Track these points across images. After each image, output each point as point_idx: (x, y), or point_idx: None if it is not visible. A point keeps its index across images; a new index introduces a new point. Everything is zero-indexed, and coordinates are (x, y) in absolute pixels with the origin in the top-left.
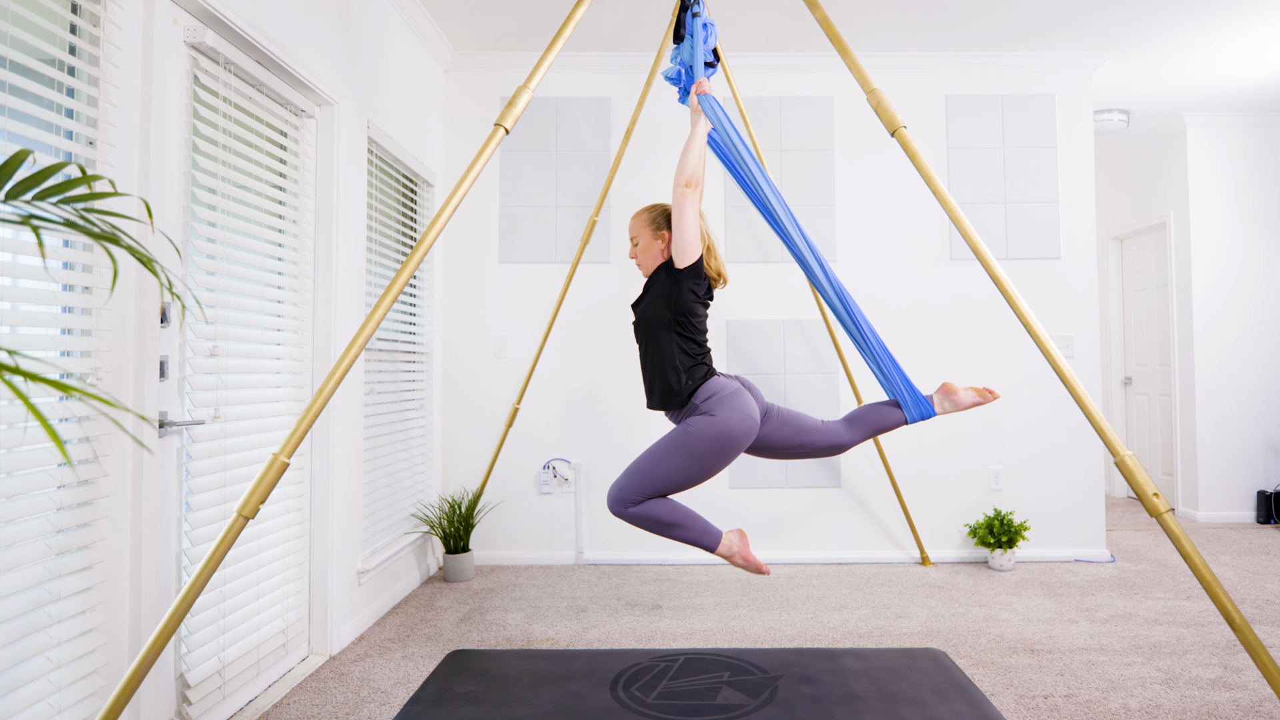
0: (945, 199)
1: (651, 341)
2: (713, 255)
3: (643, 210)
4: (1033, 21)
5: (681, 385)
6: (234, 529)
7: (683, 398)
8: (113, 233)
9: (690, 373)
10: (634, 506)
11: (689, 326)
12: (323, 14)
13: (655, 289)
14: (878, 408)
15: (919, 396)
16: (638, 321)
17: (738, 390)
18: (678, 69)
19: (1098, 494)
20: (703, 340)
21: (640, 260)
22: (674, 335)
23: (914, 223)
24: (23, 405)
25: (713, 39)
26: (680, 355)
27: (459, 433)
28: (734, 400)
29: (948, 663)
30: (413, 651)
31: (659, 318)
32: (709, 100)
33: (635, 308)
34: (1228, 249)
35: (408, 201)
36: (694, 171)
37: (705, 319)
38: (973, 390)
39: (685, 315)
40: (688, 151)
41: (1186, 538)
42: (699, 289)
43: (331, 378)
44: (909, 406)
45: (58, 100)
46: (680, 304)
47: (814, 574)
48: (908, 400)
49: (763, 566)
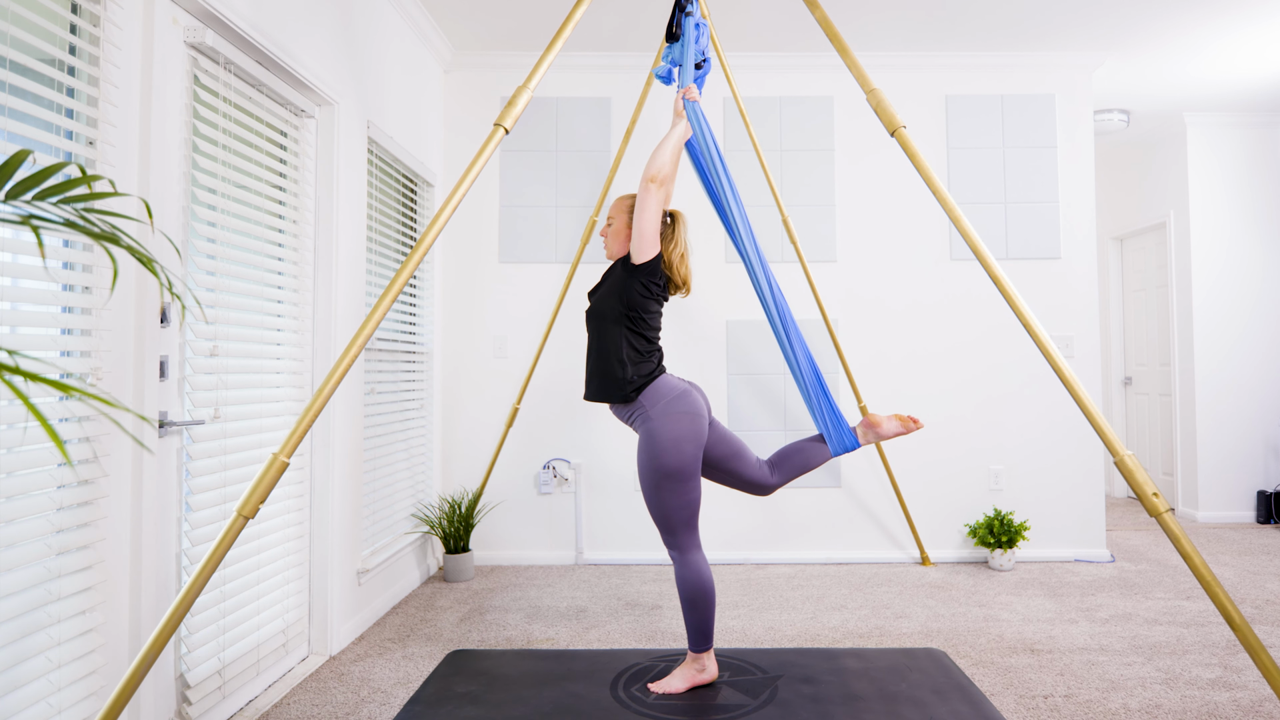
0: (945, 199)
1: (600, 332)
2: (684, 263)
3: (628, 195)
4: (1033, 21)
5: (626, 378)
6: (234, 529)
7: (625, 392)
8: (113, 233)
9: (637, 367)
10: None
11: (639, 322)
12: (323, 14)
13: (611, 281)
14: (801, 446)
15: (843, 428)
16: (589, 310)
17: (685, 391)
18: (669, 67)
19: (1098, 494)
20: (653, 337)
21: (608, 241)
22: (624, 329)
23: (914, 223)
24: (23, 405)
25: (704, 39)
26: (627, 349)
27: (459, 433)
28: (679, 403)
29: (948, 663)
30: (413, 651)
31: (610, 310)
32: (694, 107)
33: (590, 295)
34: (1228, 249)
35: (408, 201)
36: (661, 169)
37: (658, 316)
38: (896, 419)
39: (636, 310)
40: (660, 148)
41: (1186, 538)
42: (653, 286)
43: (331, 378)
44: (832, 438)
45: (58, 100)
46: (631, 299)
47: (814, 574)
48: (831, 432)
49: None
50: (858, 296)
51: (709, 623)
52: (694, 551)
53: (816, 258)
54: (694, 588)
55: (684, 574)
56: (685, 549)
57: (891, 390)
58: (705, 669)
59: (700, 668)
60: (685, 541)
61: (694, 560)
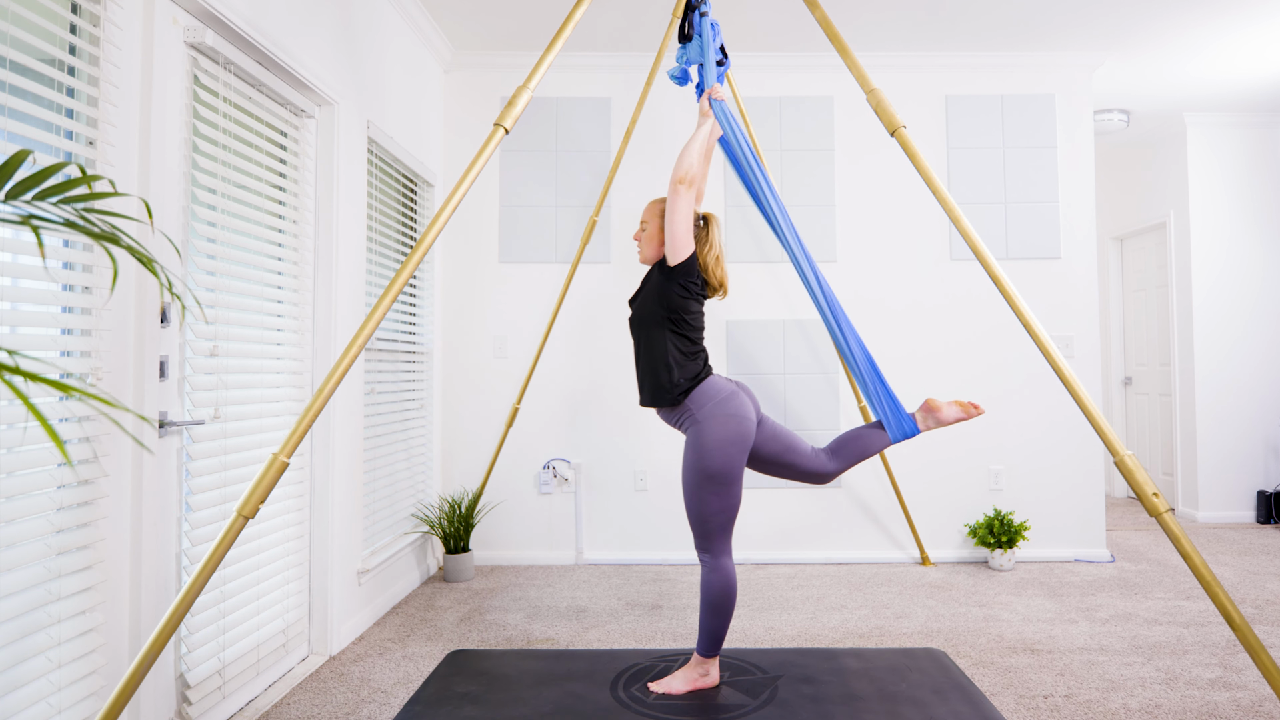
0: (945, 199)
1: (645, 338)
2: (719, 265)
3: (661, 198)
4: (1033, 21)
5: (673, 382)
6: (234, 529)
7: (674, 395)
8: (113, 233)
9: (683, 369)
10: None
11: (682, 324)
12: (323, 14)
13: (650, 286)
14: (860, 433)
15: (901, 414)
16: (633, 318)
17: (733, 393)
18: (682, 68)
19: (1098, 494)
20: (697, 338)
21: (642, 245)
22: (667, 332)
23: (914, 223)
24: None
25: (719, 37)
26: (673, 352)
27: (459, 433)
28: (728, 404)
29: (948, 663)
30: (413, 651)
31: (652, 315)
32: (721, 105)
33: (631, 303)
34: (1228, 249)
35: (408, 201)
36: (690, 169)
37: (700, 316)
38: (957, 405)
39: (678, 313)
40: (687, 149)
41: (1186, 538)
42: (691, 286)
43: (331, 378)
44: (891, 426)
45: (58, 100)
46: (672, 301)
47: (814, 574)
48: (890, 419)
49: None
50: (858, 296)
51: (724, 630)
52: (725, 557)
53: (816, 258)
54: (720, 593)
55: (712, 579)
56: (717, 553)
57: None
58: (708, 674)
59: (704, 672)
60: (718, 546)
61: (725, 566)
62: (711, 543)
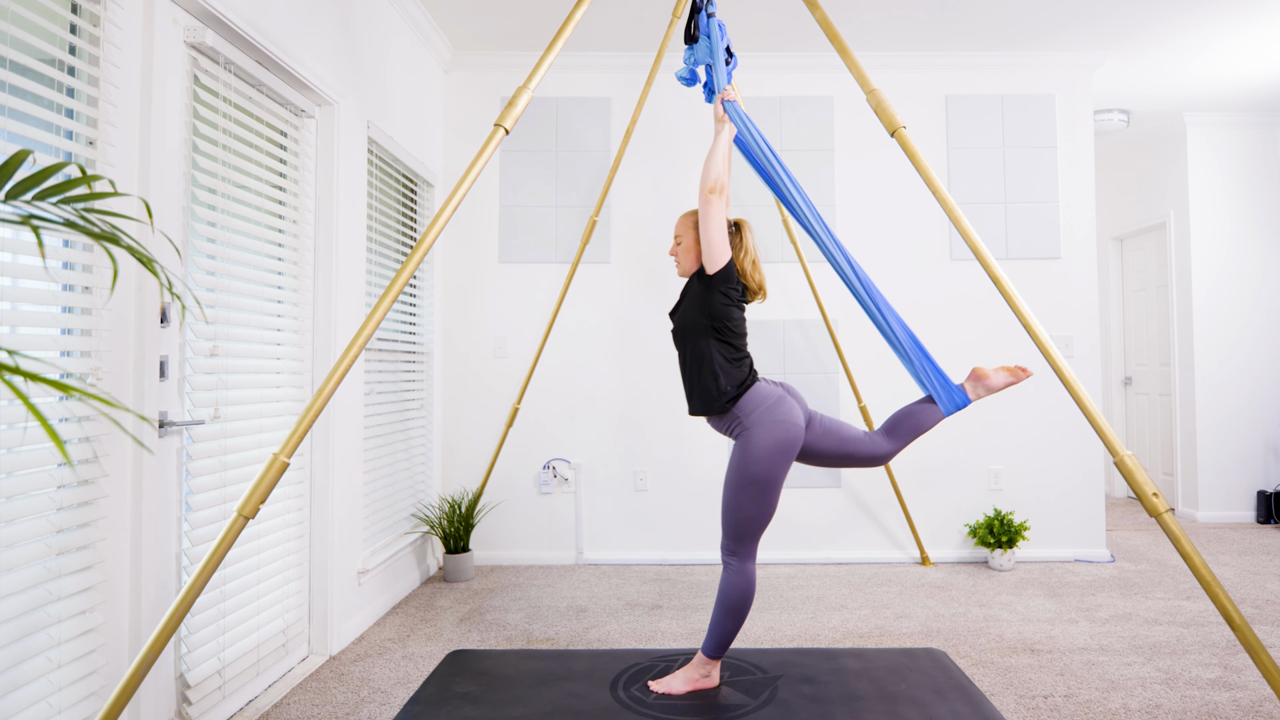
0: (945, 199)
1: (690, 348)
2: (756, 269)
3: (692, 210)
4: (1033, 21)
5: (720, 390)
6: (234, 529)
7: (722, 403)
8: (113, 233)
9: (729, 376)
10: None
11: (725, 331)
12: (323, 14)
13: (690, 296)
14: (912, 409)
15: (950, 386)
16: (675, 329)
17: (780, 397)
18: (690, 70)
19: (1098, 494)
20: (741, 344)
21: (679, 259)
22: (711, 340)
23: (914, 223)
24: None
25: (726, 36)
26: (719, 360)
27: (459, 433)
28: (776, 410)
29: (948, 663)
30: (413, 651)
31: (695, 325)
32: (734, 106)
33: (672, 315)
34: (1228, 249)
35: (408, 201)
36: (719, 178)
37: (742, 322)
38: (1004, 370)
39: (721, 320)
40: (712, 158)
41: (1186, 538)
42: (732, 293)
43: (331, 378)
44: (941, 398)
45: (58, 100)
46: (714, 309)
47: (814, 574)
48: (939, 392)
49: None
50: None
51: (734, 634)
52: (750, 562)
53: (816, 258)
54: (740, 597)
55: (735, 581)
56: (744, 558)
57: (892, 390)
58: (710, 675)
59: (705, 673)
60: (746, 550)
61: (749, 571)
62: (741, 546)
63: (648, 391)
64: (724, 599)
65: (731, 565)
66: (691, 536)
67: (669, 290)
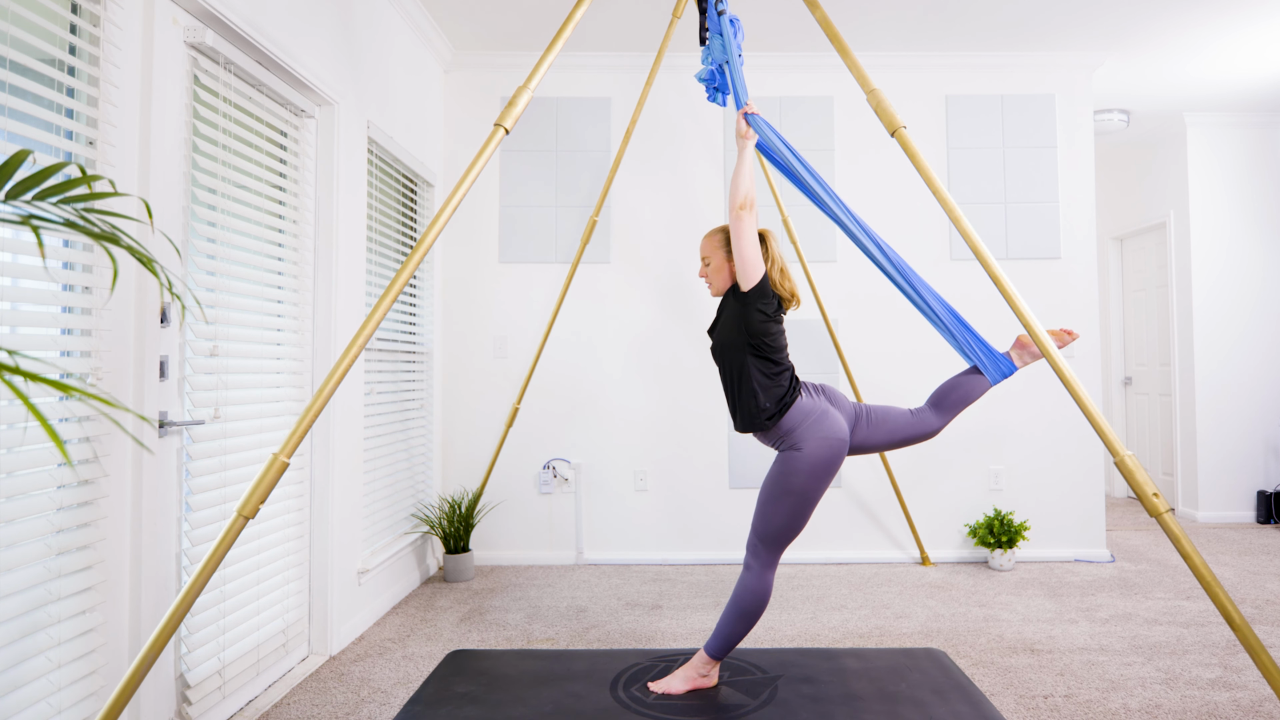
0: (945, 199)
1: (730, 366)
2: (786, 277)
3: (716, 231)
4: (1033, 22)
5: (760, 408)
6: (234, 529)
7: (762, 420)
8: (113, 233)
9: (769, 393)
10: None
11: (764, 347)
12: (323, 14)
13: (727, 314)
14: (958, 381)
15: (996, 355)
16: (714, 346)
17: (824, 412)
18: (710, 69)
19: (1098, 494)
20: (781, 359)
21: (710, 280)
22: (750, 358)
23: (914, 223)
24: (23, 405)
25: (740, 33)
26: (758, 376)
27: (459, 433)
28: (820, 426)
29: (948, 663)
30: (413, 651)
31: (733, 342)
32: (756, 120)
33: (711, 333)
34: (1228, 249)
35: (408, 201)
36: (748, 193)
37: (780, 336)
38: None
39: (758, 337)
40: (739, 175)
41: (1186, 538)
42: (768, 308)
43: (331, 378)
44: (988, 368)
45: (58, 100)
46: (751, 326)
47: (814, 574)
48: (985, 362)
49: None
50: (858, 296)
51: (741, 639)
52: (771, 571)
53: (816, 258)
54: (754, 601)
55: (753, 586)
56: (766, 564)
57: (892, 390)
58: (709, 675)
59: (705, 672)
60: (770, 557)
61: (768, 578)
62: (766, 553)
63: (648, 391)
64: (738, 602)
65: (753, 569)
66: (691, 537)
67: (669, 290)
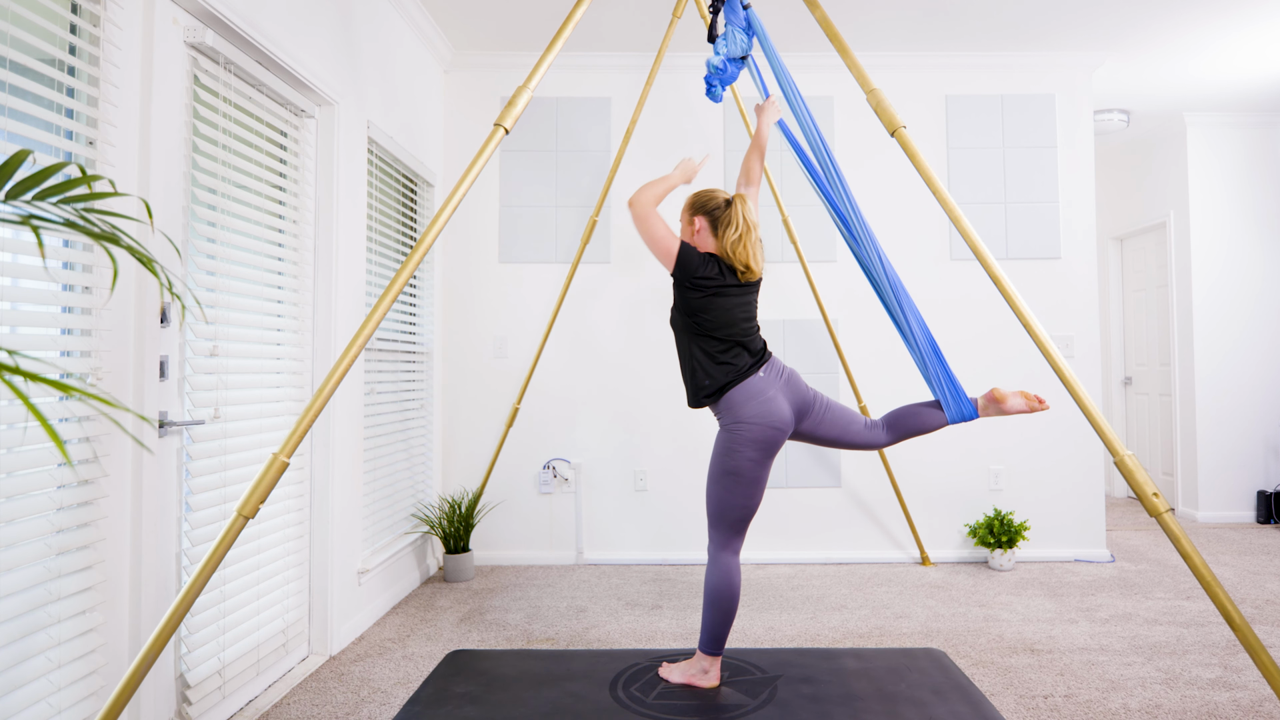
0: (945, 199)
1: (678, 344)
2: (740, 245)
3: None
4: (1033, 22)
5: (700, 384)
6: (234, 529)
7: (701, 398)
8: (113, 233)
9: (708, 372)
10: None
11: (702, 325)
12: (323, 14)
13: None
14: (918, 409)
15: (961, 396)
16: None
17: (766, 398)
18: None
19: (1098, 494)
20: (724, 335)
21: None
22: (691, 336)
23: (914, 223)
24: (23, 405)
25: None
26: (699, 355)
27: (459, 433)
28: (758, 406)
29: (947, 663)
30: (413, 651)
31: (675, 322)
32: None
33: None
34: (1228, 249)
35: (408, 201)
36: (638, 195)
37: (724, 313)
38: (1022, 396)
39: (695, 314)
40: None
41: (1186, 538)
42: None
43: (331, 378)
44: (950, 407)
45: (58, 100)
46: (688, 305)
47: (814, 574)
48: (949, 400)
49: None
50: (858, 296)
51: (722, 628)
52: (728, 553)
53: (816, 258)
54: (716, 588)
55: (712, 572)
56: (720, 547)
57: (892, 390)
58: (709, 673)
59: (704, 669)
60: (723, 539)
61: (725, 561)
62: (720, 535)
63: (648, 391)
64: (706, 590)
65: (712, 554)
66: (691, 536)
67: (669, 290)
